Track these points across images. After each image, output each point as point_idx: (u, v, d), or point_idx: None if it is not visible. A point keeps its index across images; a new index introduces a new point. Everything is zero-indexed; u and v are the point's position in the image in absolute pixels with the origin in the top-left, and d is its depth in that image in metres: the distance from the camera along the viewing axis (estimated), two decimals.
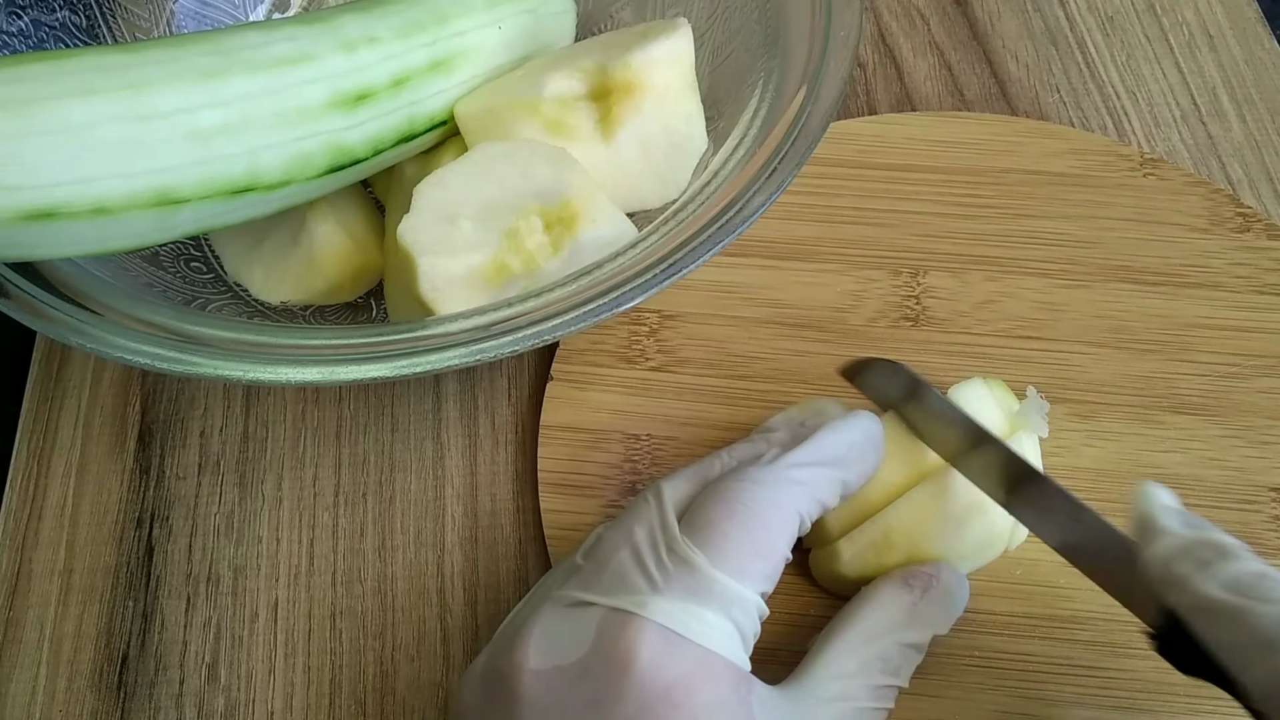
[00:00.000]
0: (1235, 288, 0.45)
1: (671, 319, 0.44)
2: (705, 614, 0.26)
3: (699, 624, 0.26)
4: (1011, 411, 0.37)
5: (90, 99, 0.31)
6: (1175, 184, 0.48)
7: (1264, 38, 0.55)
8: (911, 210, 0.47)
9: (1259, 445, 0.41)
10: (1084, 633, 0.37)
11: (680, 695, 0.25)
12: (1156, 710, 0.36)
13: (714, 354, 0.43)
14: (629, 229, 0.37)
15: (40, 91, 0.31)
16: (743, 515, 0.28)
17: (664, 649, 0.26)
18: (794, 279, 0.45)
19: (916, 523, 0.35)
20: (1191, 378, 0.42)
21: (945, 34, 0.55)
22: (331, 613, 0.39)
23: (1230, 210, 0.47)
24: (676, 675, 0.26)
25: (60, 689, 0.37)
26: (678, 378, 0.43)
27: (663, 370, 0.43)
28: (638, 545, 0.28)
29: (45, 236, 0.31)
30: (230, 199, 0.35)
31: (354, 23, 0.37)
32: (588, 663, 0.26)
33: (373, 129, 0.37)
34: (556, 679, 0.26)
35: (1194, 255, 0.46)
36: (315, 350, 0.32)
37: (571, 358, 0.43)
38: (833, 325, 0.44)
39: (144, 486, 0.41)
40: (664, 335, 0.44)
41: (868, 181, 0.48)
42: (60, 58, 0.32)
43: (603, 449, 0.41)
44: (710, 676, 0.26)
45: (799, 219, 0.46)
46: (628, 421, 0.41)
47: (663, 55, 0.37)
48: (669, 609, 0.26)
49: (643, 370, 0.43)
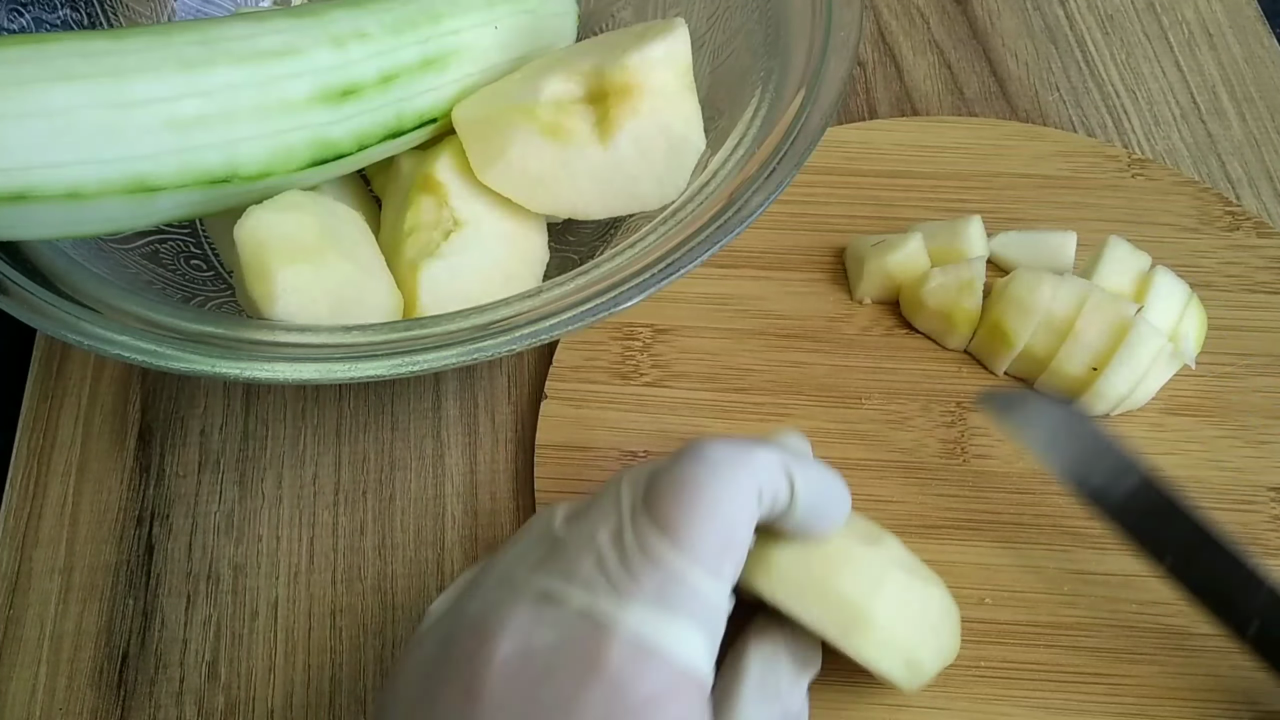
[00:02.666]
0: (1227, 287, 0.45)
1: (665, 333, 0.44)
2: (678, 624, 0.26)
3: (671, 638, 0.26)
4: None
5: (70, 84, 0.31)
6: (1163, 184, 0.48)
7: (1263, 36, 0.55)
8: (902, 217, 0.46)
9: (1257, 445, 0.41)
10: (1089, 640, 0.37)
11: (650, 712, 0.25)
12: (1165, 717, 0.36)
13: (709, 367, 0.43)
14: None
15: (20, 74, 0.31)
16: (703, 504, 0.27)
17: (636, 663, 0.25)
18: (786, 289, 0.45)
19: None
20: (1187, 378, 0.42)
21: (945, 33, 0.55)
22: (331, 611, 0.39)
23: (1219, 209, 0.47)
24: (648, 692, 0.25)
25: (60, 687, 0.37)
26: (673, 392, 0.42)
27: (658, 385, 0.43)
28: (606, 542, 0.27)
29: (17, 218, 0.32)
30: (209, 188, 0.35)
31: (345, 18, 0.37)
32: (555, 662, 0.26)
33: (358, 124, 0.37)
34: (522, 674, 0.26)
35: (1184, 255, 0.45)
36: (313, 348, 0.33)
37: (566, 375, 0.43)
38: (826, 335, 0.44)
39: (144, 485, 0.41)
40: (658, 350, 0.43)
41: (857, 189, 0.48)
42: (43, 41, 0.32)
43: (599, 467, 0.40)
44: (679, 695, 0.26)
45: (789, 229, 0.46)
46: (624, 438, 0.41)
47: (660, 56, 0.37)
48: (642, 618, 0.26)
49: (638, 386, 0.43)
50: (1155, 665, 0.35)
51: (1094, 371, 0.40)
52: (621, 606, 0.26)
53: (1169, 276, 0.42)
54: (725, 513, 0.28)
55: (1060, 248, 0.44)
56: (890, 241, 0.44)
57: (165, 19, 0.45)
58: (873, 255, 0.43)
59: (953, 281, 0.42)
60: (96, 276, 0.35)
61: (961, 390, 0.42)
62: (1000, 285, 0.42)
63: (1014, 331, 0.41)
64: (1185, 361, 0.41)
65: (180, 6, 0.46)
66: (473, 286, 0.38)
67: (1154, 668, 0.35)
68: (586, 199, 0.38)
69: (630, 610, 0.26)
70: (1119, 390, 0.40)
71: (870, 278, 0.43)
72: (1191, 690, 0.36)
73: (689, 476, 0.28)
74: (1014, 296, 0.41)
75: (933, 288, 0.42)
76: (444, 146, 0.40)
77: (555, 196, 0.38)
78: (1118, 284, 0.42)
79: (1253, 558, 0.33)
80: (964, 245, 0.44)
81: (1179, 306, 0.41)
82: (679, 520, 0.27)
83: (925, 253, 0.44)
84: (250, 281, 0.35)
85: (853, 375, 0.43)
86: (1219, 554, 0.33)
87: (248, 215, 0.35)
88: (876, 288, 0.44)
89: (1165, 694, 0.36)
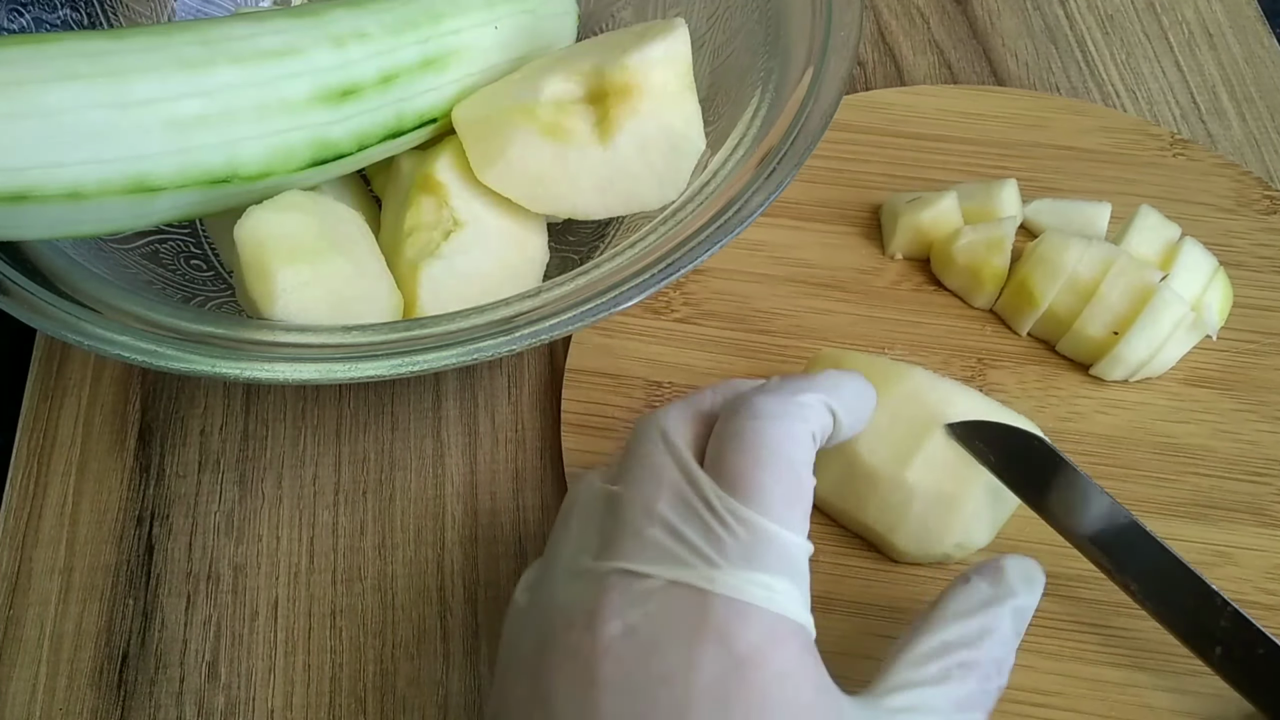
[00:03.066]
0: (1258, 267, 0.45)
1: (699, 274, 0.45)
2: (767, 579, 0.26)
3: (763, 590, 0.26)
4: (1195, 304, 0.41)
5: (69, 84, 0.31)
6: (1204, 165, 0.48)
7: (1263, 36, 0.55)
8: (939, 179, 0.47)
9: (1273, 421, 0.42)
10: (1087, 590, 0.38)
11: (751, 668, 0.25)
12: (1159, 670, 0.36)
13: (738, 309, 0.44)
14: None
15: (19, 74, 0.31)
16: (769, 459, 0.28)
17: (732, 621, 0.26)
18: (820, 240, 0.46)
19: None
20: (1210, 352, 0.43)
21: (945, 32, 0.55)
22: (331, 611, 0.39)
23: (1258, 193, 0.47)
24: (747, 647, 0.26)
25: (60, 687, 0.37)
26: (702, 329, 0.44)
27: (688, 322, 0.44)
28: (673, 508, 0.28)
29: (18, 218, 0.32)
30: (209, 188, 0.35)
31: (345, 18, 0.37)
32: (659, 635, 0.26)
33: (358, 124, 0.37)
34: (630, 653, 0.26)
35: (1219, 234, 0.46)
36: (313, 348, 0.33)
37: None
38: (855, 286, 0.45)
39: (144, 485, 0.41)
40: (690, 289, 0.45)
41: (897, 150, 0.48)
42: (43, 41, 0.32)
43: (624, 394, 0.42)
44: (779, 644, 0.26)
45: (828, 183, 0.47)
46: (651, 369, 0.42)
47: (659, 56, 0.37)
48: (731, 581, 0.26)
49: (669, 321, 0.44)
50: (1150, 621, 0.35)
51: (1115, 335, 0.41)
52: (710, 570, 0.26)
53: (1197, 248, 0.42)
54: (788, 463, 0.28)
55: (1094, 218, 0.45)
56: (925, 198, 0.44)
57: (165, 19, 0.45)
58: (907, 211, 0.44)
59: (982, 239, 0.43)
60: (96, 276, 0.35)
61: (984, 348, 0.43)
62: (1030, 247, 0.43)
63: (1039, 291, 0.41)
64: (1207, 332, 0.41)
65: (180, 6, 0.46)
66: (473, 286, 0.38)
67: (1149, 622, 0.35)
68: (586, 199, 0.38)
69: (719, 573, 0.26)
70: (1139, 355, 0.41)
71: (903, 233, 0.44)
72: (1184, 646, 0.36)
73: (748, 433, 0.28)
74: (1041, 256, 0.42)
75: (963, 245, 0.43)
76: (444, 146, 0.40)
77: (555, 196, 0.38)
78: (1146, 252, 0.42)
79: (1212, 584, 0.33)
80: (998, 207, 0.44)
81: (1204, 278, 0.42)
82: (746, 477, 0.28)
83: (959, 211, 0.44)
84: (250, 281, 0.35)
85: (878, 326, 0.44)
86: (1182, 579, 0.33)
87: (248, 215, 0.35)
88: (908, 243, 0.45)
89: (1159, 647, 0.36)
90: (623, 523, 0.28)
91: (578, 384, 0.42)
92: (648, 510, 0.28)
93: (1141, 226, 0.43)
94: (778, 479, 0.28)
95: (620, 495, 0.29)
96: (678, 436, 0.29)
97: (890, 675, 0.28)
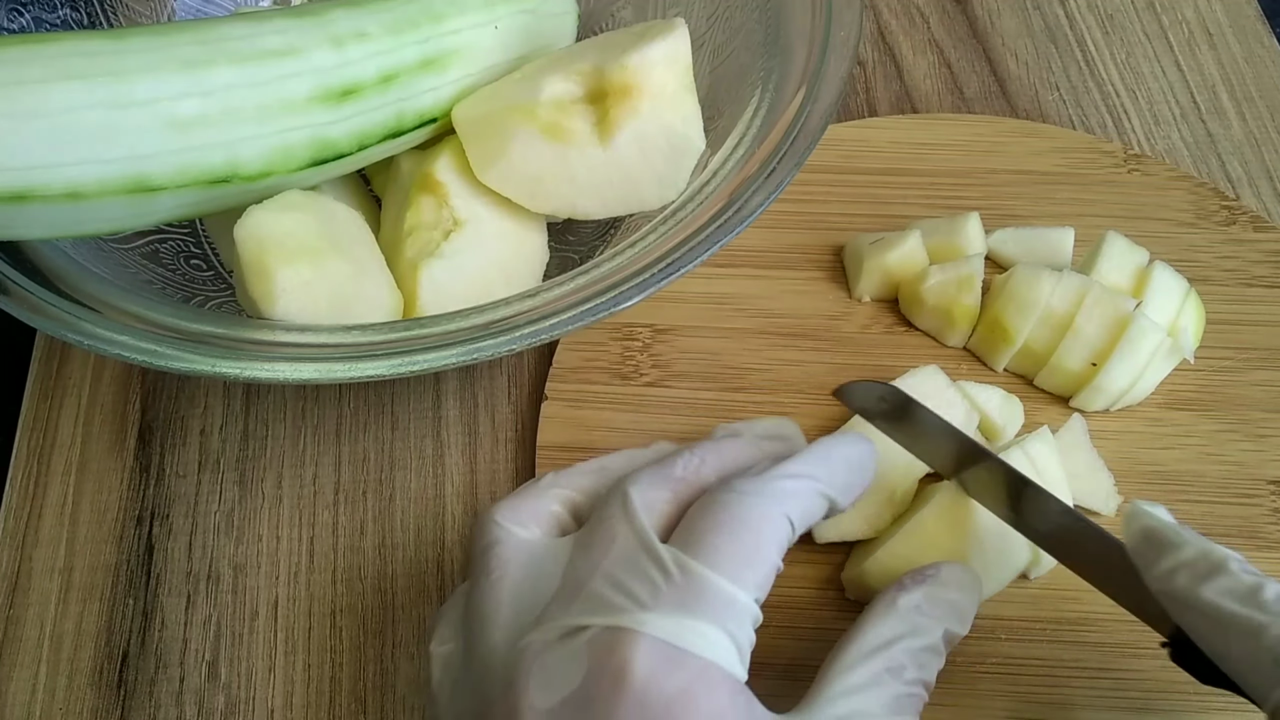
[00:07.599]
0: (1223, 280, 0.45)
1: (664, 333, 0.44)
2: (699, 625, 0.26)
3: (694, 636, 0.26)
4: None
5: (70, 84, 0.31)
6: (1160, 179, 0.48)
7: (1263, 35, 0.55)
8: (900, 215, 0.46)
9: (1256, 439, 0.41)
10: (1093, 634, 0.37)
11: (679, 709, 0.25)
12: (1170, 710, 0.36)
13: (708, 367, 0.43)
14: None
15: (19, 74, 0.31)
16: (730, 526, 0.27)
17: (660, 663, 0.25)
18: (785, 288, 0.45)
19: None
20: (1187, 373, 0.42)
21: (945, 32, 0.55)
22: (332, 610, 0.39)
23: (1215, 204, 0.47)
24: (675, 689, 0.25)
25: (60, 687, 0.37)
26: (673, 392, 0.42)
27: (658, 385, 0.42)
28: (619, 564, 0.27)
29: (18, 218, 0.32)
30: (209, 188, 0.35)
31: (345, 18, 0.37)
32: (587, 688, 0.26)
33: (358, 124, 0.37)
34: (561, 713, 0.26)
35: (1182, 250, 0.45)
36: (313, 348, 0.33)
37: (566, 375, 0.43)
38: (826, 334, 0.44)
39: (144, 484, 0.41)
40: (657, 350, 0.43)
41: (854, 187, 0.48)
42: (43, 41, 0.32)
43: None
44: (709, 688, 0.26)
45: (788, 227, 0.46)
46: (625, 439, 0.41)
47: (659, 56, 0.37)
48: (662, 622, 0.26)
49: (638, 386, 0.42)
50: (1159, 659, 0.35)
51: (1093, 367, 0.40)
52: (642, 614, 0.26)
53: (1167, 271, 0.42)
54: (752, 533, 0.28)
55: (1058, 244, 0.44)
56: (888, 239, 0.44)
57: (165, 19, 0.45)
58: (871, 253, 0.43)
59: (951, 279, 0.42)
60: (96, 276, 0.35)
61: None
62: (999, 282, 0.42)
63: (1014, 328, 0.41)
64: (1184, 356, 0.41)
65: (180, 6, 0.46)
66: (473, 286, 0.38)
67: (1158, 662, 0.35)
68: (586, 199, 0.38)
69: (650, 617, 0.26)
70: (1119, 385, 0.40)
71: (869, 276, 0.44)
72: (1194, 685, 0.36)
73: (719, 504, 0.28)
74: (1013, 293, 0.41)
75: (931, 285, 0.42)
76: (444, 146, 0.40)
77: (555, 196, 0.38)
78: (1116, 280, 0.42)
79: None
80: (962, 242, 0.44)
81: (1177, 301, 0.41)
82: (705, 539, 0.27)
83: (924, 250, 0.44)
84: (250, 281, 0.35)
85: (853, 374, 0.43)
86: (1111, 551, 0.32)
87: (248, 215, 0.35)
88: (875, 286, 0.44)
89: (1169, 688, 0.36)
90: (572, 580, 0.28)
91: (550, 462, 0.40)
92: (595, 565, 0.28)
93: (1110, 254, 0.42)
94: (735, 540, 0.27)
95: (572, 557, 0.29)
96: (639, 499, 0.29)
97: (824, 686, 0.28)
